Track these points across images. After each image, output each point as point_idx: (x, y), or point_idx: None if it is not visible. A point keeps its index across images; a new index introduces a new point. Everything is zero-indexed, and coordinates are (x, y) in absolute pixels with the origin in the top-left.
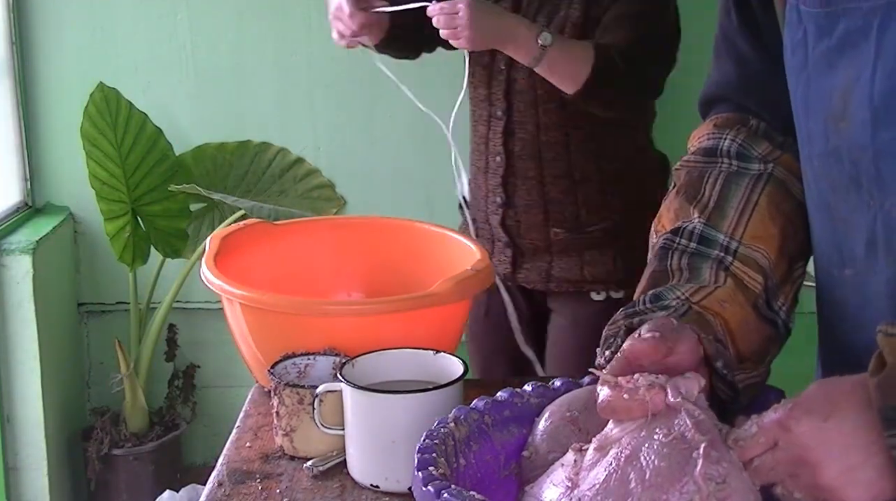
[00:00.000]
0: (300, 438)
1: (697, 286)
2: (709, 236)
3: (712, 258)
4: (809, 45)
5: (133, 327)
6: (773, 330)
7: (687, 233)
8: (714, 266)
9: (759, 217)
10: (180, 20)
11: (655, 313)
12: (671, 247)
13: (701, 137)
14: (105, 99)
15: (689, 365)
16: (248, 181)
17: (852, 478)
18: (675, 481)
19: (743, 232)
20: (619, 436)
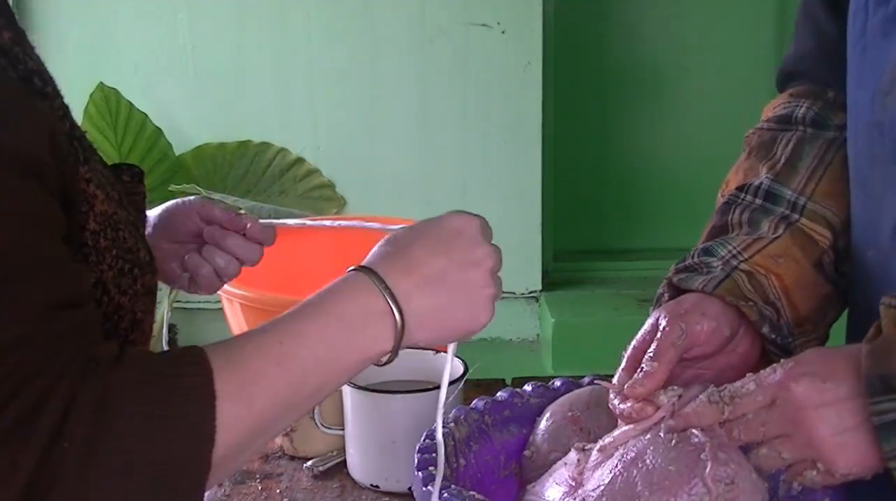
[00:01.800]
0: (300, 438)
1: (753, 238)
2: (776, 192)
3: (776, 214)
4: (870, 11)
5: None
6: (833, 289)
7: (753, 190)
8: (776, 220)
9: (831, 175)
10: (180, 20)
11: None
12: (735, 202)
13: (776, 107)
14: (105, 99)
15: (709, 339)
16: (248, 181)
17: (843, 442)
18: (683, 483)
19: (814, 188)
20: (623, 439)
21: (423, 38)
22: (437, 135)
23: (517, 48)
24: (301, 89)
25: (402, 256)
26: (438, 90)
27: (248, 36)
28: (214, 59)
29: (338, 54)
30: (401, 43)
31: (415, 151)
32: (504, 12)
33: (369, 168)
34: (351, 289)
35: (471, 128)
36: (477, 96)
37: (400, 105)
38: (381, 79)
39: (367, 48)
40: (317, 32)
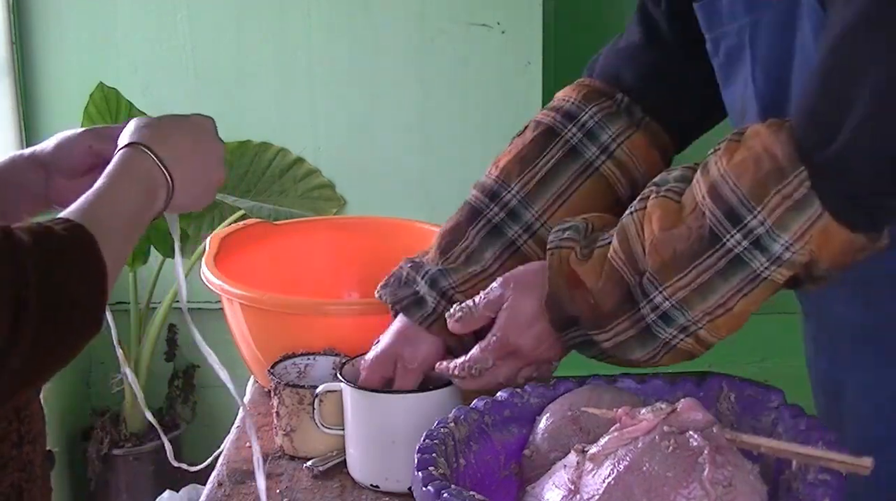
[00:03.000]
0: (300, 438)
1: (470, 274)
2: (519, 212)
3: (506, 239)
4: (712, 60)
5: (133, 327)
6: None
7: (502, 204)
8: (501, 251)
9: (571, 204)
10: (180, 20)
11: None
12: (482, 212)
13: (567, 98)
14: (105, 99)
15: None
16: (248, 181)
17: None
18: (681, 487)
19: (552, 215)
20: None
21: (423, 38)
22: (437, 135)
23: (517, 48)
24: (301, 89)
25: (164, 138)
26: (438, 90)
27: (248, 36)
28: (214, 59)
29: (338, 54)
30: (401, 43)
31: (415, 151)
32: (504, 12)
33: (369, 168)
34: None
35: (471, 128)
36: (477, 96)
37: (400, 105)
38: (381, 79)
39: (368, 48)
40: (317, 32)
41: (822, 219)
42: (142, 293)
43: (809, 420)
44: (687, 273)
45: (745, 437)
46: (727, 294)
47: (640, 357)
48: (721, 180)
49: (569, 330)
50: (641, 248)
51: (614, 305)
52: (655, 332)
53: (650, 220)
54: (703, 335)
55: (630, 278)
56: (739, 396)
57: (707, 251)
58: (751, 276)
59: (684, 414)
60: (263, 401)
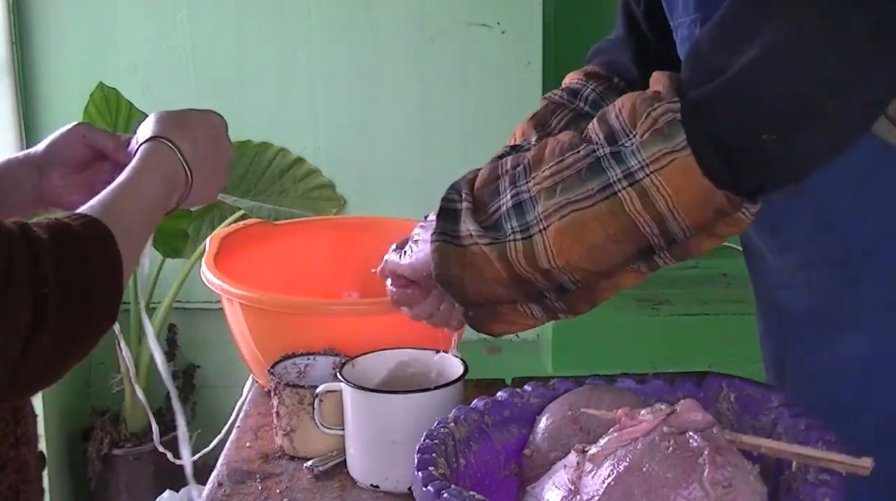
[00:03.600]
0: (300, 438)
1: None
2: None
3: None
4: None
5: (133, 327)
6: None
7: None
8: None
9: None
10: (180, 20)
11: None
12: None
13: (573, 79)
14: (105, 99)
15: None
16: (248, 181)
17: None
18: (681, 488)
19: None
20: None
21: (423, 38)
22: (437, 135)
23: (517, 48)
24: (301, 89)
25: (187, 134)
26: (438, 90)
27: (248, 36)
28: (214, 59)
29: (338, 54)
30: (401, 43)
31: (415, 151)
32: (504, 12)
33: (369, 168)
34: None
35: (471, 128)
36: (477, 96)
37: (400, 105)
38: (381, 79)
39: (368, 48)
40: (317, 32)
41: (683, 152)
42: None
43: (809, 420)
44: (552, 165)
45: (744, 438)
46: (579, 195)
47: (476, 233)
48: (610, 108)
49: (450, 190)
50: (531, 150)
51: (487, 193)
52: (502, 221)
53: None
54: (537, 242)
55: (504, 171)
56: (739, 396)
57: (576, 148)
58: (604, 184)
59: (684, 414)
60: (263, 401)
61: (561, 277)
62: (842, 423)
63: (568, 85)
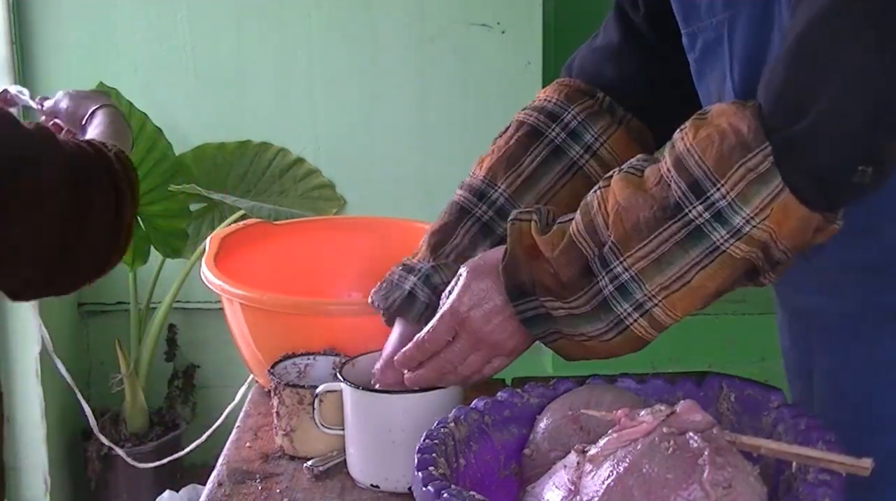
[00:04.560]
0: (300, 438)
1: None
2: (506, 211)
3: (497, 235)
4: (688, 55)
5: (133, 327)
6: None
7: (489, 202)
8: (490, 247)
9: (556, 201)
10: (180, 20)
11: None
12: (470, 211)
13: (550, 97)
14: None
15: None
16: (248, 181)
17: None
18: (681, 489)
19: None
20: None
21: (423, 38)
22: (437, 135)
23: (517, 48)
24: (301, 89)
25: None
26: (438, 90)
27: (248, 36)
28: (214, 59)
29: (338, 54)
30: (401, 42)
31: (415, 151)
32: (504, 12)
33: (369, 168)
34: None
35: (471, 128)
36: (477, 96)
37: (400, 105)
38: (381, 79)
39: (367, 48)
40: (317, 32)
41: (782, 194)
42: (142, 293)
43: (809, 420)
44: (648, 242)
45: (744, 439)
46: (685, 266)
47: (591, 331)
48: (686, 153)
49: (522, 300)
50: (603, 220)
51: (573, 276)
52: (611, 305)
53: (613, 193)
54: (658, 313)
55: (590, 250)
56: (739, 396)
57: (669, 220)
58: (710, 248)
59: (684, 415)
60: (263, 401)
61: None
62: (877, 434)
63: (545, 104)
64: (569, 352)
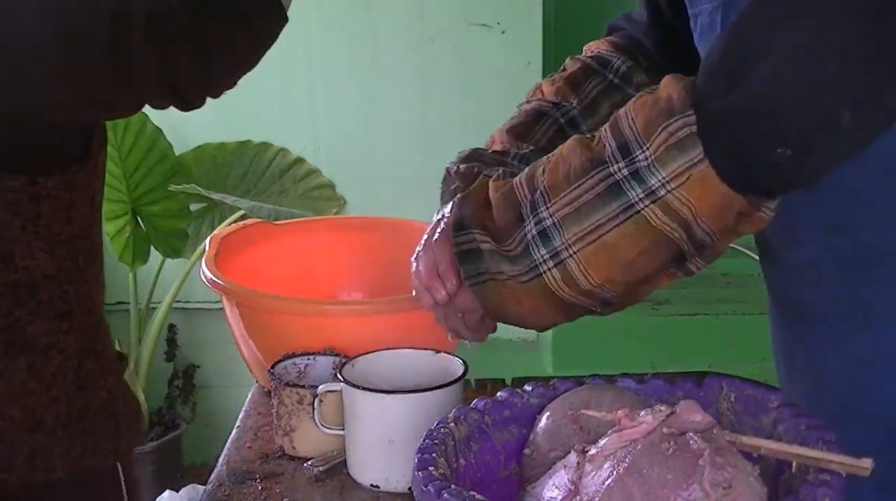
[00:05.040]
0: (300, 438)
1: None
2: (577, 122)
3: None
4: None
5: (133, 327)
6: None
7: (563, 111)
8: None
9: None
10: None
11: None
12: (546, 114)
13: (599, 48)
14: None
15: None
16: (248, 181)
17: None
18: (680, 489)
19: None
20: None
21: (423, 38)
22: (437, 135)
23: (517, 48)
24: (301, 89)
25: None
26: (438, 90)
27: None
28: None
29: (338, 54)
30: (401, 42)
31: (415, 151)
32: (504, 12)
33: (369, 168)
34: None
35: (471, 128)
36: (477, 96)
37: (400, 105)
38: (381, 79)
39: (367, 48)
40: (317, 32)
41: (701, 165)
42: (142, 293)
43: (810, 420)
44: (571, 190)
45: (745, 439)
46: (602, 219)
47: (510, 270)
48: (623, 116)
49: (461, 232)
50: (543, 169)
51: (508, 221)
52: (531, 249)
53: (560, 149)
54: (572, 267)
55: (524, 196)
56: (739, 396)
57: (593, 171)
58: (625, 205)
59: (684, 415)
60: (263, 401)
61: (603, 294)
62: (851, 424)
63: (596, 52)
64: (492, 299)
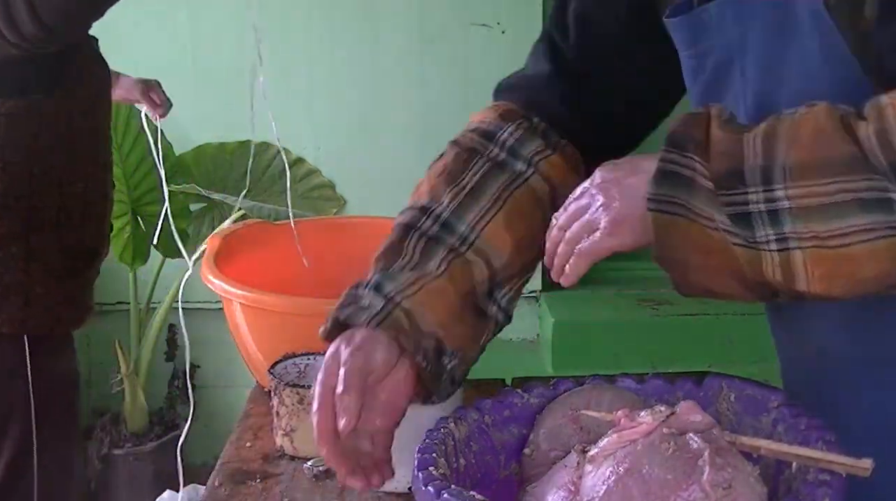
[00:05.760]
0: (300, 438)
1: (417, 275)
2: (453, 223)
3: (446, 246)
4: (695, 78)
5: (133, 327)
6: (483, 321)
7: (434, 216)
8: (444, 254)
9: (499, 220)
10: (180, 20)
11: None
12: (414, 226)
13: (485, 119)
14: None
15: (382, 366)
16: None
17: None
18: (680, 490)
19: (483, 227)
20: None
21: (423, 38)
22: (437, 136)
23: (517, 48)
24: (301, 89)
25: None
26: (438, 90)
27: (247, 36)
28: (214, 59)
29: (338, 54)
30: (401, 43)
31: (415, 151)
32: (504, 12)
33: (369, 168)
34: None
35: None
36: (477, 96)
37: (400, 105)
38: (381, 79)
39: (367, 48)
40: (317, 33)
41: None
42: (142, 293)
43: (809, 420)
44: (828, 183)
45: (744, 439)
46: (852, 228)
47: (721, 222)
48: (893, 129)
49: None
50: (789, 135)
51: (721, 170)
52: (753, 222)
53: (815, 117)
54: (797, 259)
55: (753, 157)
56: (739, 396)
57: (861, 175)
58: (889, 224)
59: (684, 416)
60: (263, 401)
61: (808, 297)
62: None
63: (478, 126)
64: (672, 236)
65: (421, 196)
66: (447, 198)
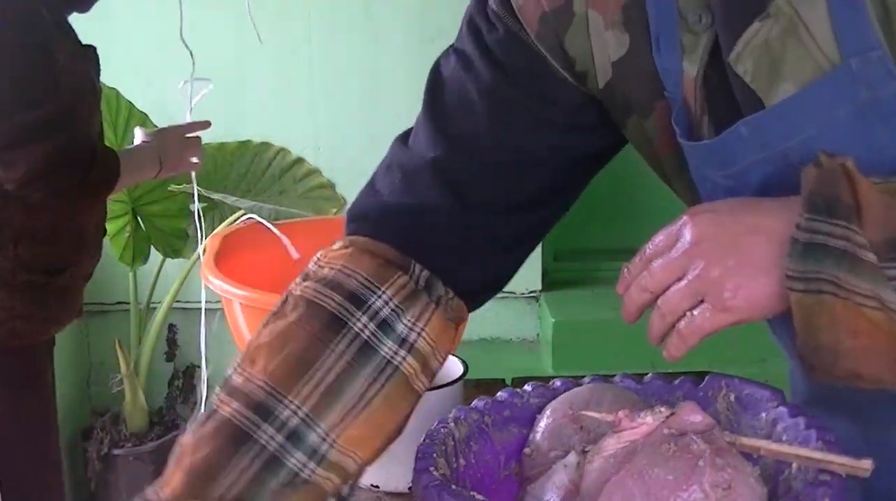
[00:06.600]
0: None
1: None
2: (302, 434)
3: (288, 468)
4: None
5: (133, 327)
6: None
7: (279, 424)
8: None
9: (365, 421)
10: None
11: None
12: (251, 436)
13: (350, 271)
14: (105, 99)
15: None
16: (248, 181)
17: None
18: (680, 490)
19: (344, 431)
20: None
21: (423, 38)
22: None
23: None
24: (301, 89)
25: None
26: None
27: (247, 36)
28: (214, 59)
29: (338, 54)
30: (401, 43)
31: None
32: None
33: (369, 168)
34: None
35: None
36: None
37: (400, 105)
38: (381, 79)
39: (367, 48)
40: (317, 32)
41: None
42: (142, 293)
43: (809, 420)
44: None
45: (744, 440)
46: None
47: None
48: None
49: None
50: None
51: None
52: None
53: None
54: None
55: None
56: (739, 396)
57: None
58: None
59: (684, 416)
60: None
61: None
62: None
63: (344, 280)
64: (820, 318)
65: (255, 379)
66: (298, 397)
